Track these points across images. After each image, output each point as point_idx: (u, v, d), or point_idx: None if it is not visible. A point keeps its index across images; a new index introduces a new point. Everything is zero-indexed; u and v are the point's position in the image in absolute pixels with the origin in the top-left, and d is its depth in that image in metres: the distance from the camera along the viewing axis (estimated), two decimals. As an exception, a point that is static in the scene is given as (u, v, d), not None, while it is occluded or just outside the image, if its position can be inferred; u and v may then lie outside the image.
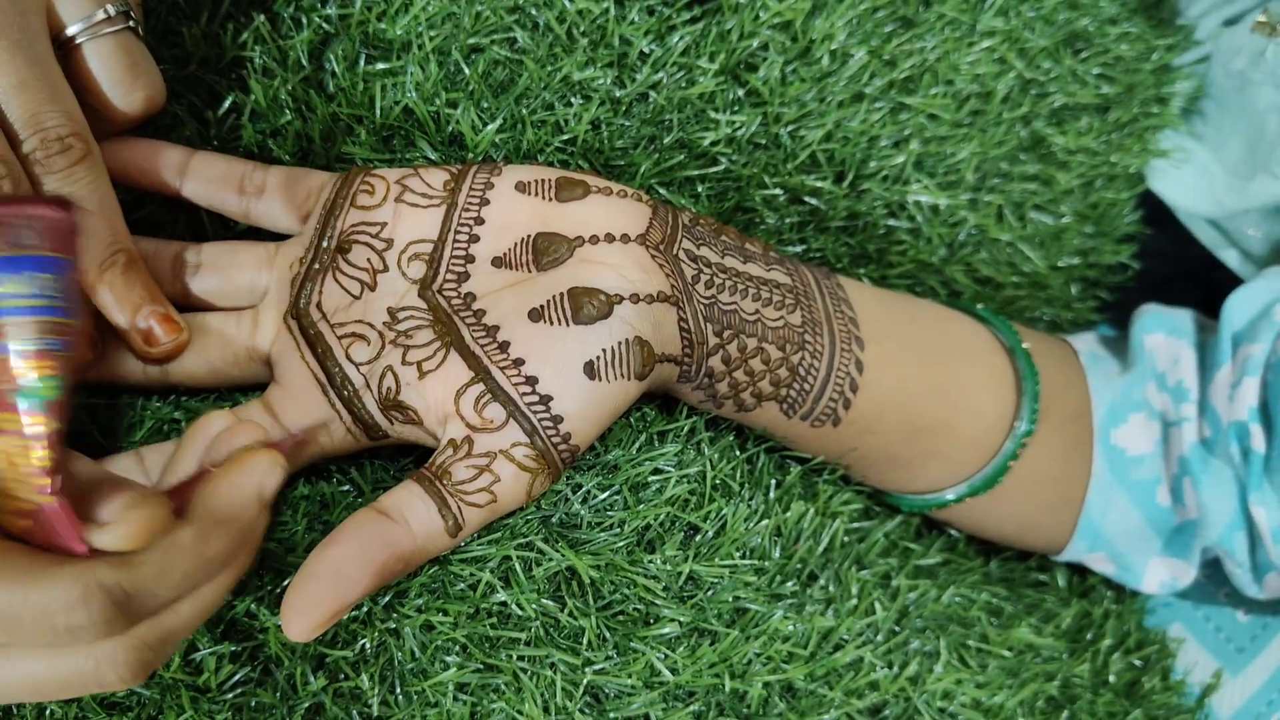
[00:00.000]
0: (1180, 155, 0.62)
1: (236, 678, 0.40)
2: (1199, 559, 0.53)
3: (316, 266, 0.41)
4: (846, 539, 0.49)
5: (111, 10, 0.38)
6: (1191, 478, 0.51)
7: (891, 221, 0.53)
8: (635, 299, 0.39)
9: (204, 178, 0.42)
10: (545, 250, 0.40)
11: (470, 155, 0.45)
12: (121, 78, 0.39)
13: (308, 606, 0.34)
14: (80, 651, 0.31)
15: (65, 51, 0.38)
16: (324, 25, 0.44)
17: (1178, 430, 0.52)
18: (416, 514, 0.36)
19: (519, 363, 0.38)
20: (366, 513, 0.36)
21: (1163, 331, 0.54)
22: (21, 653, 0.31)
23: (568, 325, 0.38)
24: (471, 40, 0.45)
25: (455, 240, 0.41)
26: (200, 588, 0.33)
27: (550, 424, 0.38)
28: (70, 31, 0.38)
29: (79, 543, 0.30)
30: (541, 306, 0.39)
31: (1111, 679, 0.54)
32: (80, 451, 0.36)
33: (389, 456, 0.43)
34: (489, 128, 0.45)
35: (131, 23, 0.39)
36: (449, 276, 0.41)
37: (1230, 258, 0.63)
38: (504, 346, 0.38)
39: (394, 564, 0.36)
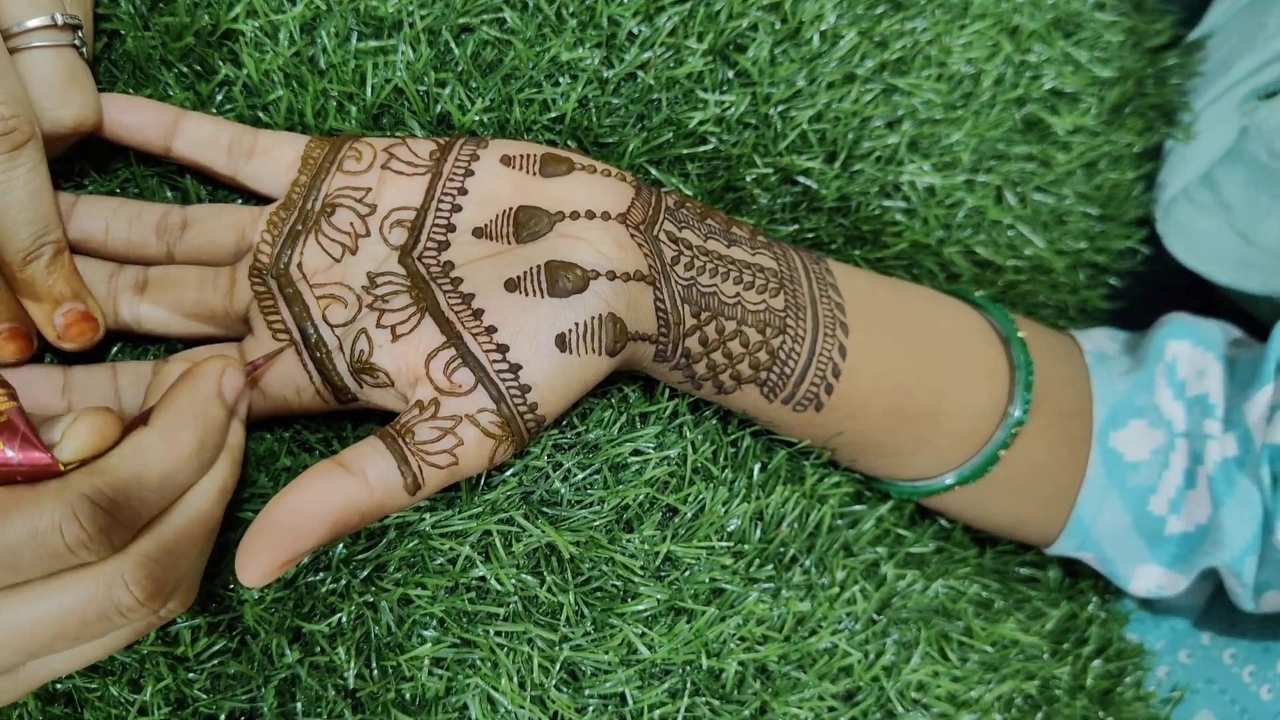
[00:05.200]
0: (1187, 203, 0.61)
1: (215, 648, 0.41)
2: (1197, 574, 0.52)
3: (300, 228, 0.42)
4: (838, 522, 0.49)
5: (60, 19, 0.38)
6: (1213, 495, 0.50)
7: (886, 202, 0.53)
8: (611, 276, 0.39)
9: (193, 138, 0.42)
10: (526, 223, 0.40)
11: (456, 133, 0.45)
12: (55, 90, 0.38)
13: (261, 553, 0.34)
14: (87, 578, 0.32)
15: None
16: (316, 1, 0.44)
17: (1195, 443, 0.51)
18: (376, 469, 0.36)
19: (491, 330, 0.38)
20: (326, 464, 0.36)
21: (1190, 340, 0.53)
22: (35, 593, 0.32)
23: (542, 297, 0.39)
24: (462, 20, 0.45)
25: (438, 209, 0.41)
26: (186, 495, 0.34)
27: (517, 392, 0.38)
28: (14, 29, 0.38)
29: (44, 452, 0.31)
30: (518, 277, 0.39)
31: (1089, 683, 0.54)
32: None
33: (372, 429, 0.44)
34: (475, 107, 0.45)
35: (78, 40, 0.39)
36: (429, 244, 0.41)
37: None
38: (478, 314, 0.39)
39: (350, 517, 0.35)
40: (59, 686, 0.40)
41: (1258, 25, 0.58)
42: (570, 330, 0.38)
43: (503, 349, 0.38)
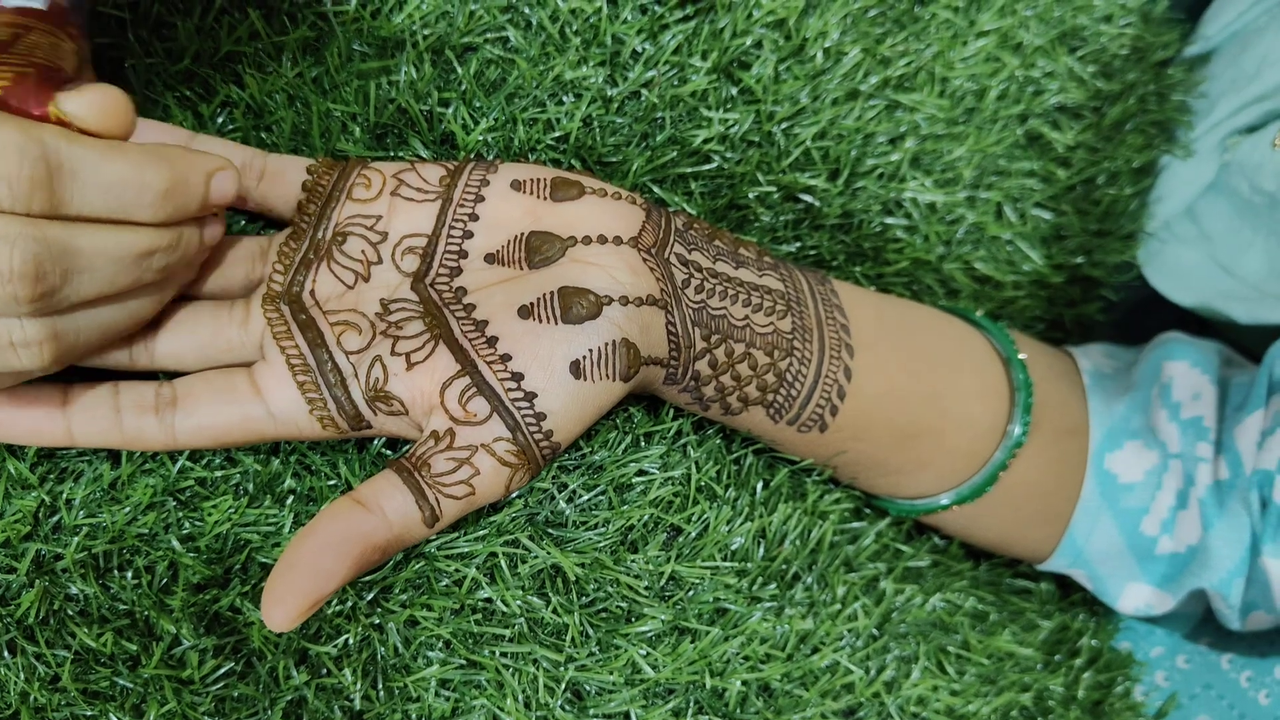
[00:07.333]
0: (1168, 235, 0.61)
1: (220, 671, 0.41)
2: (1185, 595, 0.52)
3: (311, 255, 0.41)
4: (837, 539, 0.49)
5: None
6: (1203, 518, 0.50)
7: (888, 219, 0.53)
8: (624, 301, 0.39)
9: None
10: (538, 248, 0.40)
11: (462, 154, 0.45)
12: None
13: (285, 598, 0.34)
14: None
15: None
16: (319, 21, 0.44)
17: (1187, 465, 0.51)
18: (393, 504, 0.37)
19: (506, 358, 0.38)
20: (343, 502, 0.36)
21: (1187, 361, 0.53)
22: None
23: (556, 324, 0.39)
24: (465, 39, 0.45)
25: (449, 235, 0.41)
26: (118, 230, 0.34)
27: (533, 420, 0.38)
28: None
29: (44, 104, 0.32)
30: (531, 304, 0.39)
31: (1081, 694, 0.54)
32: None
33: (378, 453, 0.44)
34: (479, 126, 0.45)
35: None
36: (441, 270, 0.41)
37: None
38: (492, 341, 0.39)
39: (370, 554, 0.36)
40: (57, 715, 0.40)
41: (1238, 68, 0.59)
42: (584, 357, 0.38)
43: (517, 377, 0.38)
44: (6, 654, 0.39)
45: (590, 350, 0.38)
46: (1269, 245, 0.56)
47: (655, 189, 0.48)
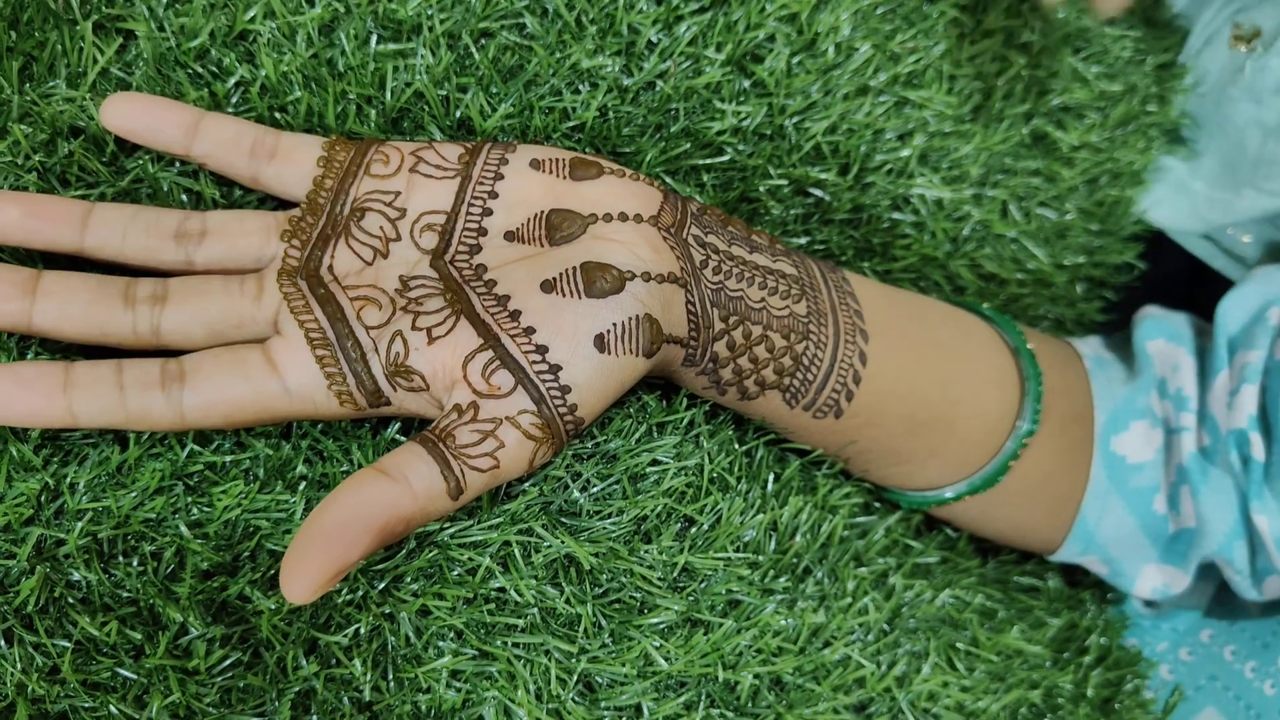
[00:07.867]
0: (1161, 169, 0.62)
1: (227, 661, 0.40)
2: (1195, 568, 0.53)
3: (329, 231, 0.41)
4: (846, 534, 0.49)
5: None
6: (1190, 487, 0.51)
7: (896, 215, 0.53)
8: (647, 277, 0.39)
9: (214, 139, 0.41)
10: (559, 226, 0.40)
11: (479, 139, 0.45)
12: None
13: (307, 568, 0.32)
14: None
15: None
16: (334, 3, 0.44)
17: (1177, 438, 0.52)
18: (418, 474, 0.36)
19: (530, 331, 0.38)
20: (367, 472, 0.35)
21: (1163, 337, 0.54)
22: None
23: (580, 298, 0.38)
24: (482, 25, 0.45)
25: (468, 212, 0.41)
26: None
27: (558, 393, 0.37)
28: None
29: None
30: (554, 279, 0.39)
31: (1090, 693, 0.54)
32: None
33: (391, 439, 0.43)
34: (497, 112, 0.44)
35: None
36: (461, 248, 0.40)
37: (1227, 268, 0.63)
38: (515, 315, 0.38)
39: (395, 525, 0.35)
40: (55, 707, 0.39)
41: None
42: (609, 330, 0.38)
43: (542, 350, 0.37)
44: (3, 643, 0.38)
45: (614, 324, 0.38)
46: (1219, 143, 0.58)
47: (668, 180, 0.48)
